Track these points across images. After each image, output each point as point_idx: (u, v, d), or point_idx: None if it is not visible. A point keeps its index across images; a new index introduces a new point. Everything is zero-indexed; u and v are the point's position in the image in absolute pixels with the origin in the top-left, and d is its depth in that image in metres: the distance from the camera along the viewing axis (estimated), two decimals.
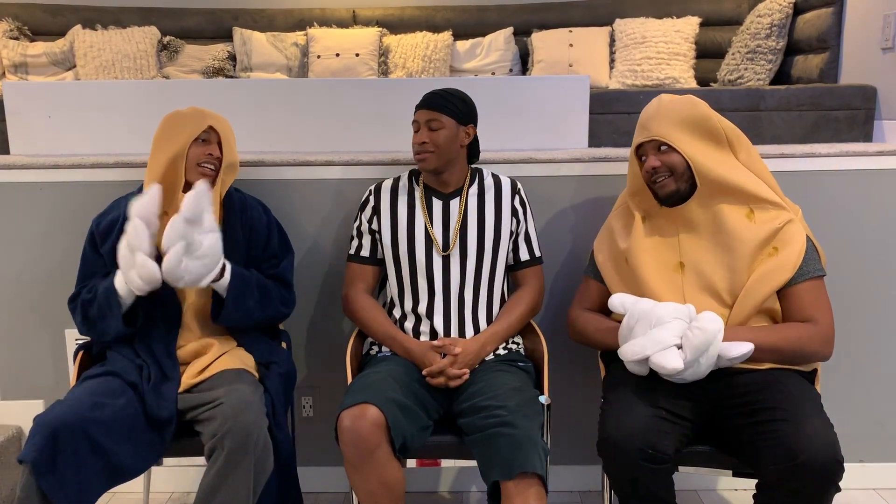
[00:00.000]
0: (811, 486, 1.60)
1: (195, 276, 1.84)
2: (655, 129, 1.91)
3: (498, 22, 4.43)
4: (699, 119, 1.90)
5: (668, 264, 1.93)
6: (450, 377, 1.94)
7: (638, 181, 1.99)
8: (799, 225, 1.90)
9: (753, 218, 1.89)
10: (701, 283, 1.88)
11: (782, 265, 1.84)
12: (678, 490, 1.92)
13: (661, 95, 1.97)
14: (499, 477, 1.74)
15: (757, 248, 1.86)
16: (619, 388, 1.85)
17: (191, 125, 1.99)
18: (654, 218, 1.98)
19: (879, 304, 2.42)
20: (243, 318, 2.00)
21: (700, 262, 1.89)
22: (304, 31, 4.41)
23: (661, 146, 1.91)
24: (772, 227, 1.87)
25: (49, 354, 2.48)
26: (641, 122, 1.95)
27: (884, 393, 2.47)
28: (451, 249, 2.07)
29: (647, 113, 1.95)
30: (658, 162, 1.90)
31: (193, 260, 1.83)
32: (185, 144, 1.97)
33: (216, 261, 1.88)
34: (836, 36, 3.56)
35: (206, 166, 1.99)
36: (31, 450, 1.68)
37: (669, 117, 1.90)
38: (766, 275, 1.84)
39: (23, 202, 2.40)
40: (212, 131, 2.01)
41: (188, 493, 2.54)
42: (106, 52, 4.17)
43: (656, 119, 1.91)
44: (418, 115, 2.04)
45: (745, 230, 1.87)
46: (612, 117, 3.30)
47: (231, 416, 1.77)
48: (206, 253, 1.84)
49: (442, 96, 2.02)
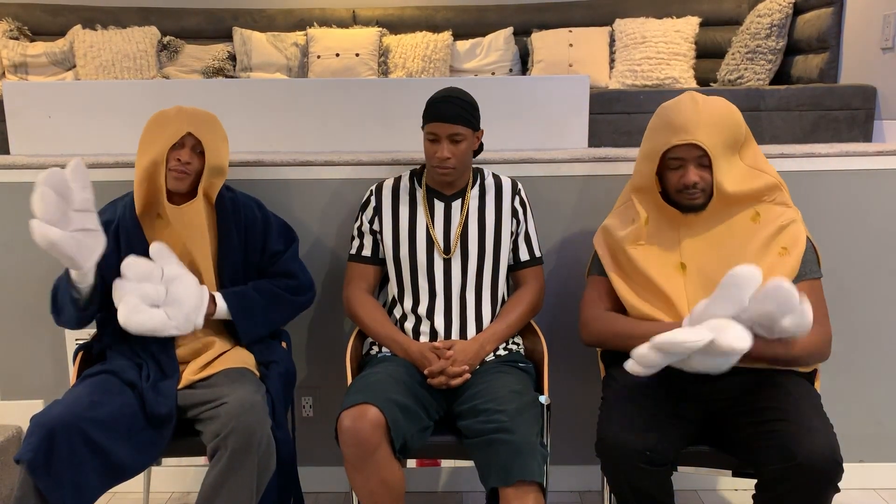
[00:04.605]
0: (810, 487, 1.60)
1: (181, 322, 1.88)
2: (695, 134, 1.79)
3: (498, 22, 4.43)
4: (735, 126, 1.83)
5: (669, 263, 1.90)
6: (450, 376, 1.94)
7: (647, 180, 1.91)
8: (802, 226, 1.89)
9: (759, 220, 1.88)
10: (703, 283, 1.86)
11: (793, 266, 1.83)
12: (678, 490, 1.91)
13: (693, 95, 1.85)
14: (497, 483, 1.74)
15: (761, 246, 1.85)
16: (619, 389, 1.85)
17: (170, 129, 1.94)
18: (659, 218, 1.95)
19: (879, 303, 2.42)
20: (263, 327, 2.05)
21: (702, 262, 1.88)
22: (304, 31, 4.41)
23: (702, 157, 1.81)
24: (777, 225, 1.86)
25: (49, 354, 2.48)
26: (679, 124, 1.81)
27: (884, 393, 2.47)
28: (453, 252, 2.07)
29: (685, 115, 1.81)
30: (698, 177, 1.82)
31: (160, 308, 1.87)
32: (164, 150, 1.92)
33: (195, 302, 1.90)
34: (835, 36, 3.56)
35: (174, 170, 1.94)
36: (28, 449, 1.68)
37: (709, 122, 1.79)
38: (780, 273, 1.81)
39: (23, 202, 2.40)
40: (189, 136, 1.94)
41: (188, 493, 2.54)
42: (106, 52, 4.17)
43: (699, 125, 1.79)
44: (438, 129, 1.96)
45: (751, 231, 1.86)
46: (612, 117, 3.30)
47: (235, 416, 1.76)
48: (175, 299, 1.87)
49: (461, 107, 1.96)
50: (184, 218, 1.97)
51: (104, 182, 2.37)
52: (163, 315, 1.86)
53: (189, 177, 1.96)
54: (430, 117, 1.97)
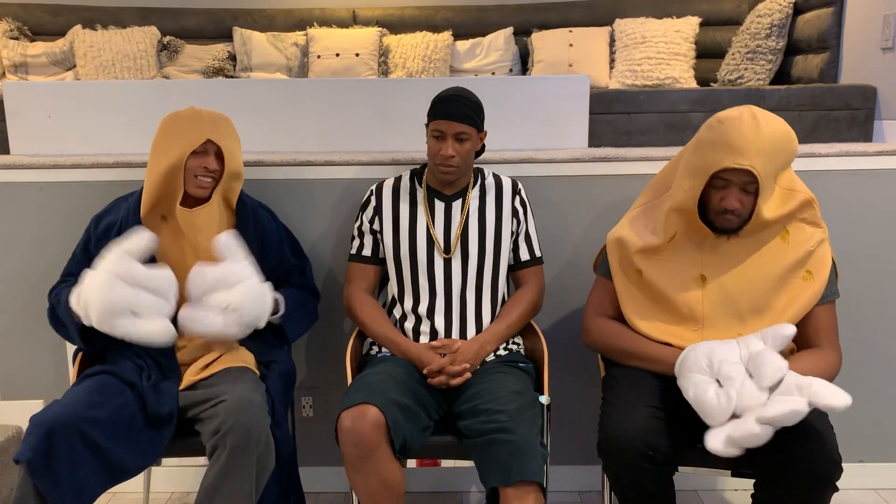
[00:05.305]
0: (809, 487, 1.60)
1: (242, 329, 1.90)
2: (757, 164, 1.69)
3: (498, 22, 4.43)
4: (790, 155, 1.76)
5: (688, 275, 1.87)
6: (450, 375, 1.94)
7: (689, 201, 1.79)
8: (828, 246, 1.87)
9: (788, 238, 1.85)
10: (722, 298, 1.85)
11: (816, 292, 1.83)
12: (678, 490, 1.91)
13: (754, 112, 1.72)
14: (497, 483, 1.75)
15: (789, 269, 1.83)
16: (619, 388, 1.84)
17: (189, 134, 1.93)
18: (684, 232, 1.87)
19: (880, 303, 2.42)
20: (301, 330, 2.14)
21: (724, 277, 1.85)
22: (304, 31, 4.41)
23: (750, 184, 1.73)
24: (805, 249, 1.83)
25: (49, 354, 2.48)
26: (736, 145, 1.69)
27: (884, 393, 2.47)
28: (454, 252, 2.07)
29: (746, 136, 1.69)
30: (738, 204, 1.75)
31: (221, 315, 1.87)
32: (183, 155, 1.92)
33: (258, 309, 1.91)
34: (836, 36, 3.56)
35: (203, 179, 1.95)
36: (27, 449, 1.68)
37: (767, 148, 1.69)
38: (803, 299, 1.82)
39: (23, 202, 2.40)
40: (210, 143, 1.94)
41: (188, 493, 2.54)
42: (106, 52, 4.17)
43: (759, 152, 1.69)
44: (445, 127, 1.96)
45: (778, 251, 1.84)
46: (612, 117, 3.30)
47: (233, 414, 1.76)
48: (238, 305, 1.87)
49: (468, 106, 1.96)
50: (196, 221, 1.96)
51: (104, 182, 2.37)
52: (221, 322, 1.87)
53: (213, 182, 1.97)
54: (437, 115, 1.98)
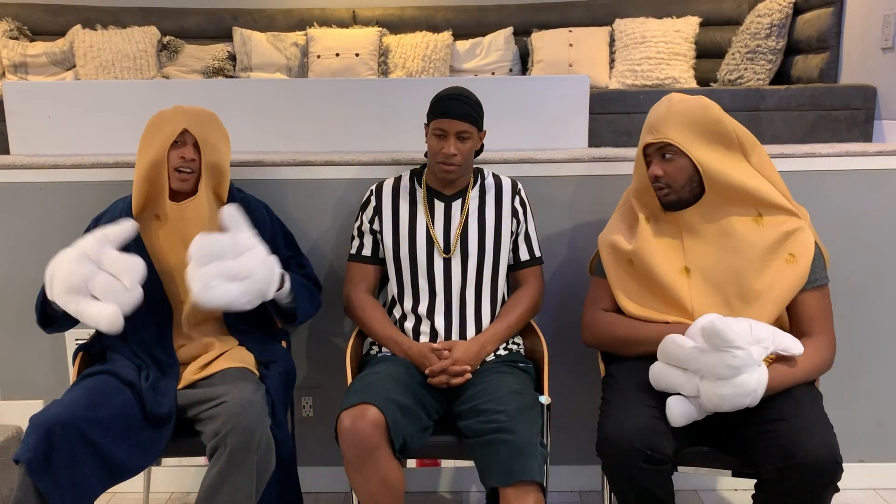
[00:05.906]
0: (809, 486, 1.60)
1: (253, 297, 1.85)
2: (665, 132, 1.84)
3: (498, 22, 4.43)
4: (711, 123, 1.84)
5: (672, 267, 1.90)
6: (451, 375, 1.94)
7: (644, 180, 1.94)
8: (809, 232, 1.87)
9: (762, 222, 1.87)
10: (708, 288, 1.86)
11: (801, 274, 1.83)
12: (678, 490, 1.91)
13: (671, 95, 1.89)
14: (497, 483, 1.75)
15: (766, 251, 1.84)
16: (619, 389, 1.84)
17: (168, 128, 1.94)
18: (659, 220, 1.95)
19: (879, 303, 2.42)
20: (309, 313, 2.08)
21: (706, 266, 1.87)
22: (304, 31, 4.41)
23: (666, 153, 1.85)
24: (781, 231, 1.84)
25: (49, 354, 2.48)
26: (650, 123, 1.88)
27: (884, 393, 2.47)
28: (453, 252, 2.07)
29: (657, 113, 1.87)
30: (661, 171, 1.86)
31: (235, 283, 1.82)
32: (164, 149, 1.93)
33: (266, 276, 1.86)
34: (835, 36, 3.56)
35: (183, 170, 1.95)
36: (26, 449, 1.68)
37: (679, 120, 1.83)
38: (787, 282, 1.82)
39: (23, 202, 2.40)
40: (186, 133, 1.95)
41: (188, 493, 2.54)
42: (106, 52, 4.17)
43: (666, 121, 1.84)
44: (447, 125, 1.97)
45: (753, 233, 1.85)
46: (612, 117, 3.30)
47: (234, 415, 1.76)
48: (248, 273, 1.82)
49: (469, 105, 1.97)
50: (184, 214, 1.97)
51: (104, 182, 2.37)
52: (236, 290, 1.83)
53: (194, 174, 1.97)
54: (438, 113, 1.98)
